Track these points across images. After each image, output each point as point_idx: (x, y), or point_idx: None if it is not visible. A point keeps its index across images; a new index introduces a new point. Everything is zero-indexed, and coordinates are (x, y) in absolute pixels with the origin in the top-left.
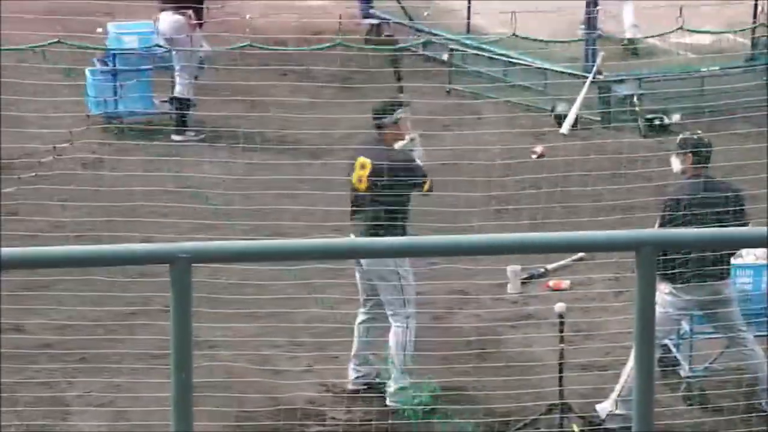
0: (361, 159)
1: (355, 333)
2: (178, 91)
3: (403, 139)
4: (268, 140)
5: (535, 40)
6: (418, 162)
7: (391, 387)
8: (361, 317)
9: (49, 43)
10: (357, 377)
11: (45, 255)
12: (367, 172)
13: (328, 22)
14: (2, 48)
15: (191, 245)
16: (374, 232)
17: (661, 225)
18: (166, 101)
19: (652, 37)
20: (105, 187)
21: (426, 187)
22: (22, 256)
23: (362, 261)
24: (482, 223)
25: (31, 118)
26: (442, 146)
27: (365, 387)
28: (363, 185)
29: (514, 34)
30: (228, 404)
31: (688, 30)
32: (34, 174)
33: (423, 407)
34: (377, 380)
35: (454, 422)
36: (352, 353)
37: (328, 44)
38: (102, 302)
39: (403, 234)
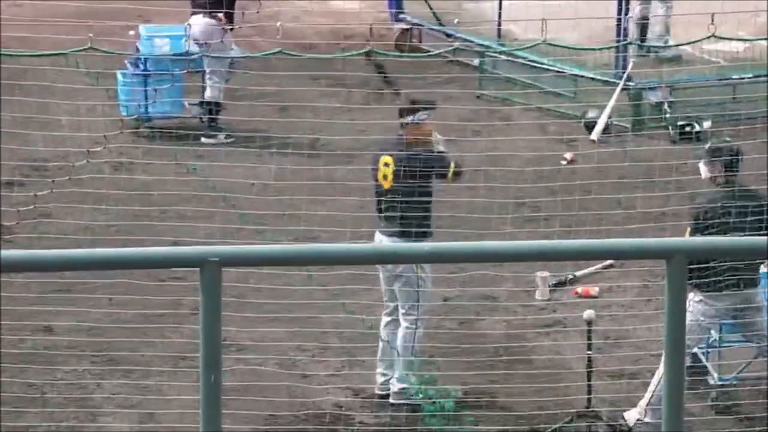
0: (384, 158)
1: (381, 337)
2: (209, 94)
3: (426, 140)
4: (299, 144)
5: (566, 47)
6: (441, 149)
7: (395, 386)
8: (385, 320)
9: (82, 49)
10: (384, 382)
11: (77, 257)
12: (391, 169)
13: (360, 27)
14: (37, 54)
15: (221, 249)
16: (401, 228)
17: (693, 233)
18: (196, 104)
19: (681, 45)
20: (136, 190)
21: (450, 171)
22: (55, 257)
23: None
24: (514, 230)
25: (64, 121)
26: (472, 152)
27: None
28: (388, 183)
29: (545, 41)
30: (256, 407)
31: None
32: (67, 177)
33: (433, 401)
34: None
35: (477, 429)
36: (378, 358)
37: (357, 51)
38: (132, 304)
39: (429, 230)
